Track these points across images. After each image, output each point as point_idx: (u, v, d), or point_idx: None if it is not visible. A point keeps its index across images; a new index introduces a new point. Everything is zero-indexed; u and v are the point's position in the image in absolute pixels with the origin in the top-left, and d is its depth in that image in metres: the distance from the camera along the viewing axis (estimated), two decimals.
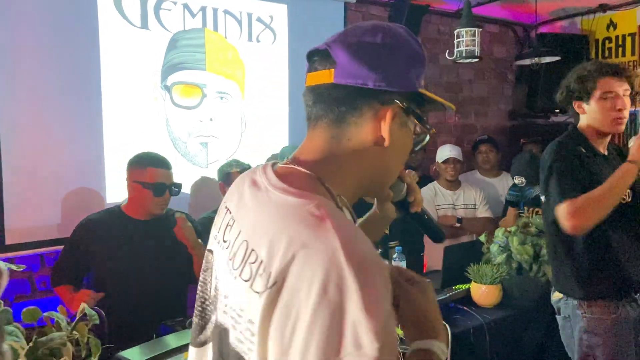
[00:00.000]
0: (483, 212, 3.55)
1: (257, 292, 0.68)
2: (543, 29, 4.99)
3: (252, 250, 0.72)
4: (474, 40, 3.29)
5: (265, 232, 0.72)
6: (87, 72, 2.83)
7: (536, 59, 3.92)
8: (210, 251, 0.87)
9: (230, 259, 0.77)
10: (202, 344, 0.84)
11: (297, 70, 3.56)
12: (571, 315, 1.97)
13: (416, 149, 0.87)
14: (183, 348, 1.54)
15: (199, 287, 0.88)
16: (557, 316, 2.08)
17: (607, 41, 4.70)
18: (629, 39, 4.55)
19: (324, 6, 3.72)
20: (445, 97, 4.61)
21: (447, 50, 3.40)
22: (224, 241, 0.81)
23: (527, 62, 4.13)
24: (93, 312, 1.23)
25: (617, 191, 1.80)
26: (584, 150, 1.97)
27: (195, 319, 0.86)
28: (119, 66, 2.91)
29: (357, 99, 0.79)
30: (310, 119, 0.85)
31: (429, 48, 4.47)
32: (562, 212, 1.80)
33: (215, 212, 0.91)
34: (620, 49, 4.62)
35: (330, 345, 0.62)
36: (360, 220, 1.00)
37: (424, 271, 3.55)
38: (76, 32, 2.78)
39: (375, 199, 1.02)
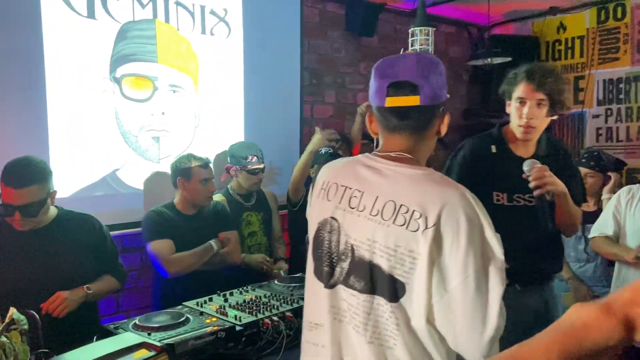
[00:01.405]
0: None
1: (414, 231, 1.07)
2: (496, 31, 5.10)
3: (402, 205, 1.10)
4: (428, 39, 3.32)
5: (409, 192, 1.11)
6: (30, 64, 2.70)
7: (488, 59, 4.00)
8: (334, 218, 1.20)
9: (373, 215, 1.13)
10: (333, 285, 1.19)
11: (252, 65, 3.51)
12: None
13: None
14: (122, 352, 1.48)
15: (321, 247, 1.22)
16: None
17: (557, 43, 4.86)
18: (577, 42, 4.71)
19: (280, 1, 3.68)
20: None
21: (402, 49, 3.41)
22: (352, 207, 1.17)
23: (480, 62, 4.21)
24: (21, 317, 1.16)
25: None
26: (494, 150, 1.98)
27: (325, 269, 1.20)
28: (64, 57, 2.79)
29: (432, 110, 1.21)
30: (390, 128, 1.22)
31: (385, 46, 4.50)
32: None
33: (165, 205, 1.16)
34: (569, 51, 4.77)
35: (481, 253, 1.03)
36: None
37: None
38: (17, 21, 2.64)
39: None
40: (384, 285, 1.10)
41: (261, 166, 3.01)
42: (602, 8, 4.51)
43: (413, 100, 1.16)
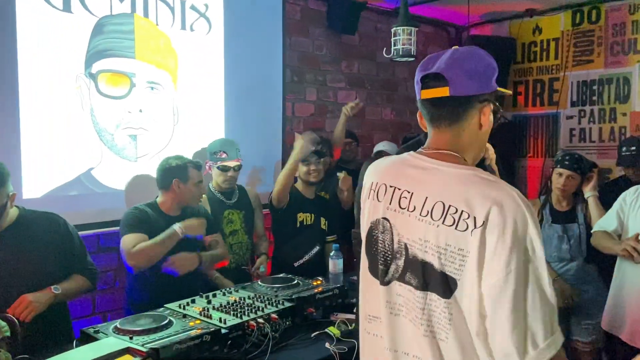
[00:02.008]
0: None
1: (463, 231, 1.11)
2: (474, 31, 5.15)
3: (450, 205, 1.13)
4: (410, 39, 3.32)
5: (457, 193, 1.14)
6: (2, 58, 2.59)
7: None
8: (386, 219, 1.25)
9: (424, 216, 1.17)
10: (388, 282, 1.24)
11: (233, 62, 3.45)
12: None
13: (494, 126, 1.28)
14: (106, 358, 1.43)
15: (375, 246, 1.26)
16: None
17: (532, 45, 4.93)
18: (553, 44, 4.79)
19: None
20: (382, 94, 4.67)
21: (385, 48, 3.41)
22: (402, 208, 1.22)
23: None
24: (3, 324, 1.10)
25: None
26: None
27: (380, 267, 1.25)
28: (38, 52, 2.69)
29: (467, 102, 1.21)
30: (430, 121, 1.25)
31: (366, 45, 4.49)
32: None
33: (148, 204, 1.09)
34: (544, 53, 4.85)
35: (523, 251, 1.09)
36: None
37: None
38: None
39: None
40: (436, 282, 1.15)
41: (231, 163, 2.94)
42: (577, 11, 4.59)
43: (443, 92, 1.19)
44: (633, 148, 3.20)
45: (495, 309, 1.09)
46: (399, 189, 1.23)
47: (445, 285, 1.14)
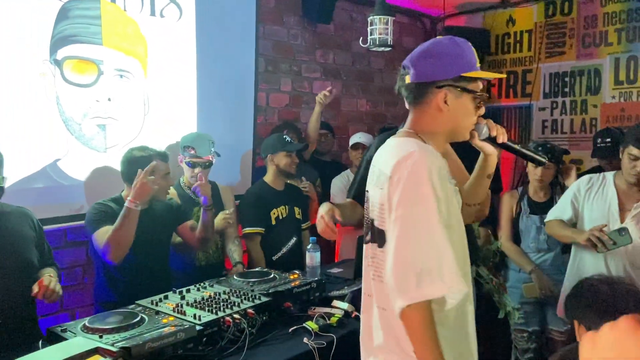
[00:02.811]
0: None
1: (381, 189, 1.37)
2: (449, 22, 5.15)
3: (380, 169, 1.41)
4: (387, 28, 3.28)
5: (385, 159, 1.40)
6: None
7: None
8: (367, 191, 1.49)
9: (372, 184, 1.45)
10: (367, 242, 1.48)
11: (205, 50, 3.35)
12: None
13: (478, 103, 1.45)
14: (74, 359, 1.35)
15: (365, 214, 1.49)
16: None
17: (506, 36, 4.95)
18: (526, 35, 4.82)
19: None
20: (357, 85, 4.62)
21: (361, 38, 3.37)
22: (371, 181, 1.48)
23: None
24: None
25: None
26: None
27: (365, 230, 1.49)
28: None
29: (424, 87, 1.42)
30: (406, 103, 1.50)
31: (341, 35, 4.44)
32: None
33: (112, 199, 1.27)
34: (518, 45, 4.88)
35: (412, 199, 1.29)
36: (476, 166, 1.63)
37: (336, 260, 3.53)
38: None
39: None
40: (376, 234, 1.40)
41: (200, 160, 2.82)
42: (550, 3, 4.63)
43: (407, 79, 1.44)
44: (608, 140, 3.24)
45: (387, 251, 1.32)
46: (374, 165, 1.49)
47: (380, 236, 1.38)
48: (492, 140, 1.55)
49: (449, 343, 1.32)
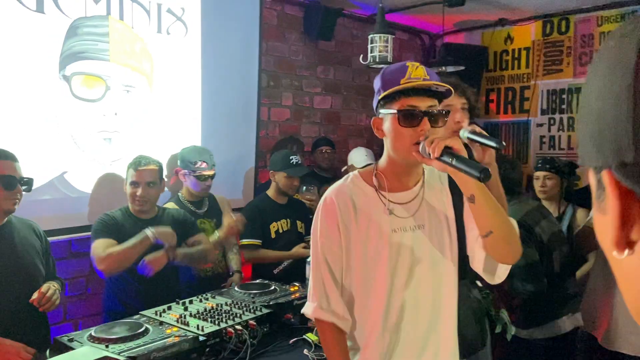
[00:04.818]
0: None
1: None
2: (447, 39, 5.25)
3: None
4: (387, 46, 3.37)
5: None
6: None
7: (442, 67, 4.10)
8: None
9: None
10: None
11: (209, 66, 3.44)
12: None
13: (407, 122, 1.37)
14: None
15: None
16: None
17: (504, 54, 5.05)
18: (524, 53, 4.91)
19: (239, 1, 3.63)
20: (357, 100, 4.70)
21: (362, 55, 3.45)
22: None
23: (434, 70, 4.30)
24: None
25: None
26: None
27: None
28: (9, 53, 2.63)
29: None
30: None
31: (342, 51, 4.53)
32: None
33: (120, 209, 1.29)
34: (516, 62, 4.97)
35: (313, 235, 1.56)
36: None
37: None
38: None
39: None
40: None
41: (210, 173, 2.90)
42: (548, 21, 4.72)
43: None
44: None
45: None
46: None
47: None
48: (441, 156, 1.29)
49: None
